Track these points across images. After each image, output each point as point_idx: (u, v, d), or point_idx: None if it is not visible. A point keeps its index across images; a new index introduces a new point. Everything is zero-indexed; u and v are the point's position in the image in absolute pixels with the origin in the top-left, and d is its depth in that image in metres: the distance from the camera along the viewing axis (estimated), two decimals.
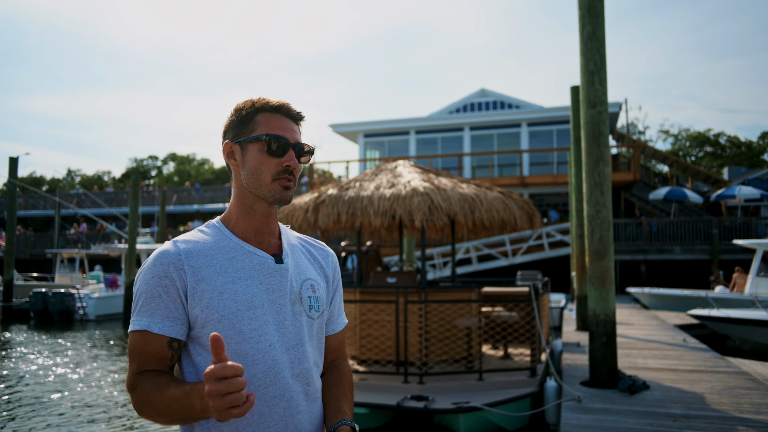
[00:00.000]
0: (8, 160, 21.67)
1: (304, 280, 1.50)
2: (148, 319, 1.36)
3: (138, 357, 1.38)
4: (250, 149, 1.45)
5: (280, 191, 1.44)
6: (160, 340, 1.36)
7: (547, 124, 25.40)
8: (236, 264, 1.41)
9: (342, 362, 1.66)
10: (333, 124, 27.62)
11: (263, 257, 1.44)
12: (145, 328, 1.36)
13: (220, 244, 1.44)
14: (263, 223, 1.48)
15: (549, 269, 19.83)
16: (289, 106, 1.49)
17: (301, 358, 1.44)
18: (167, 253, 1.39)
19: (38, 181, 58.44)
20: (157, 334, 1.35)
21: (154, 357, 1.37)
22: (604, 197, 6.40)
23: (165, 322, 1.36)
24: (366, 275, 9.46)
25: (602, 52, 6.49)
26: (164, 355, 1.37)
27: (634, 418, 5.03)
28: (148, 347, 1.37)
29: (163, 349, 1.37)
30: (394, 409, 5.84)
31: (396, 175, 7.90)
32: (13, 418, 7.59)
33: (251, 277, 1.41)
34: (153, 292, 1.36)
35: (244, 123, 1.46)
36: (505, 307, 8.52)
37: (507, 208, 7.73)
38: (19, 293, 21.98)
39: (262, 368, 1.38)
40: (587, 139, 6.51)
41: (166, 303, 1.36)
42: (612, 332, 6.31)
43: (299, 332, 1.45)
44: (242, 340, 1.37)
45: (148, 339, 1.36)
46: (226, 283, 1.38)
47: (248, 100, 1.49)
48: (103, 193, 36.58)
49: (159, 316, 1.36)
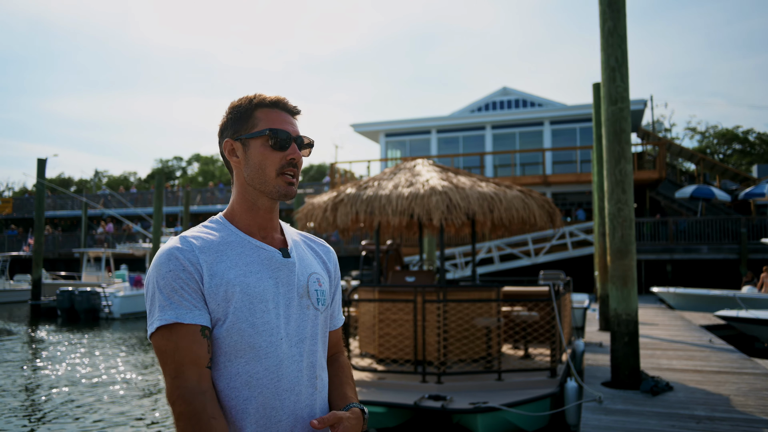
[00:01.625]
0: (36, 162, 22.10)
1: (310, 273, 1.51)
2: (175, 311, 1.31)
3: (172, 357, 1.30)
4: (253, 145, 1.45)
5: (284, 186, 1.45)
6: (192, 330, 1.31)
7: (570, 122, 25.12)
8: (245, 258, 1.41)
9: (340, 356, 1.67)
10: (354, 124, 27.66)
11: (271, 251, 1.45)
12: (175, 320, 1.30)
13: (228, 239, 1.43)
14: (266, 219, 1.49)
15: (573, 269, 19.59)
16: (286, 101, 1.50)
17: (309, 351, 1.45)
18: (180, 249, 1.37)
19: (66, 182, 59.53)
20: (188, 325, 1.31)
21: (190, 352, 1.31)
22: (626, 195, 6.30)
23: (194, 312, 1.32)
24: (386, 274, 9.45)
25: (623, 47, 6.38)
26: (200, 347, 1.32)
27: (656, 420, 4.93)
28: (182, 341, 1.30)
29: (198, 340, 1.32)
30: (411, 408, 5.81)
31: (414, 174, 7.86)
32: (43, 417, 7.73)
33: (261, 271, 1.41)
34: (173, 285, 1.33)
35: (244, 119, 1.46)
36: (524, 306, 8.43)
37: (527, 207, 7.64)
38: (47, 292, 22.45)
39: (274, 361, 1.38)
40: (608, 136, 6.41)
41: (189, 294, 1.33)
42: (634, 332, 6.20)
43: (306, 326, 1.46)
44: (255, 333, 1.37)
45: (179, 333, 1.30)
46: (238, 276, 1.38)
47: (244, 97, 1.49)
48: (128, 194, 37.13)
49: (185, 307, 1.32)
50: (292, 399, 1.39)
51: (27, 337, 15.22)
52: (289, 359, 1.40)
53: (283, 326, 1.40)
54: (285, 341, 1.40)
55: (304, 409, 1.42)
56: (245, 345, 1.36)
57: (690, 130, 46.05)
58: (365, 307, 7.94)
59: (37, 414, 7.78)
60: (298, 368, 1.41)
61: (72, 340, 14.58)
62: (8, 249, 33.05)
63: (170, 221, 34.39)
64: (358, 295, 8.13)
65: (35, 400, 8.50)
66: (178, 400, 1.28)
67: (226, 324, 1.36)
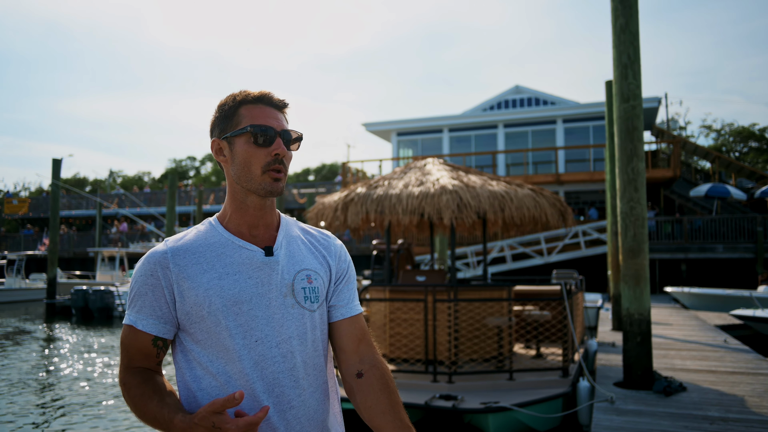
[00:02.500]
0: (51, 162, 22.33)
1: (298, 270, 1.47)
2: (135, 316, 1.41)
3: (126, 350, 1.43)
4: (237, 143, 1.44)
5: (270, 183, 1.43)
6: (145, 337, 1.41)
7: (583, 121, 24.95)
8: (224, 260, 1.41)
9: (376, 357, 1.54)
10: (366, 123, 27.65)
11: (253, 251, 1.43)
12: (132, 324, 1.41)
13: (211, 240, 1.43)
14: (257, 217, 1.47)
15: (586, 268, 19.45)
16: (271, 95, 1.48)
17: (293, 351, 1.41)
18: (155, 253, 1.42)
19: (82, 181, 60.10)
20: (141, 331, 1.40)
21: (140, 353, 1.42)
22: (638, 194, 6.23)
23: (149, 320, 1.40)
24: (396, 274, 9.43)
25: (636, 44, 6.31)
26: (150, 352, 1.42)
27: (668, 421, 4.88)
28: (135, 342, 1.42)
29: (148, 345, 1.42)
30: (422, 408, 5.80)
31: (425, 173, 7.84)
32: (62, 415, 7.80)
33: (239, 272, 1.40)
34: (141, 289, 1.40)
35: (228, 118, 1.45)
36: (536, 305, 8.38)
37: (538, 206, 7.59)
38: (62, 291, 22.68)
39: (248, 363, 1.36)
40: (620, 134, 6.35)
41: (151, 302, 1.40)
42: (647, 332, 6.14)
43: (291, 325, 1.42)
44: (229, 336, 1.36)
45: (135, 334, 1.41)
46: (212, 279, 1.38)
47: (230, 95, 1.48)
48: (142, 194, 37.41)
49: (145, 313, 1.41)
50: (270, 402, 1.37)
51: (42, 336, 15.38)
52: (268, 360, 1.38)
53: (261, 327, 1.38)
54: (263, 342, 1.38)
55: (288, 412, 1.38)
56: (220, 347, 1.37)
57: (705, 128, 45.58)
58: (376, 306, 7.93)
59: (53, 412, 7.85)
60: (278, 369, 1.38)
61: (86, 339, 14.71)
62: (24, 248, 33.45)
63: (183, 221, 34.61)
64: (369, 294, 8.13)
65: (51, 398, 8.58)
66: (123, 384, 1.41)
67: (199, 327, 1.38)
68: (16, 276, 26.22)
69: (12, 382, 9.49)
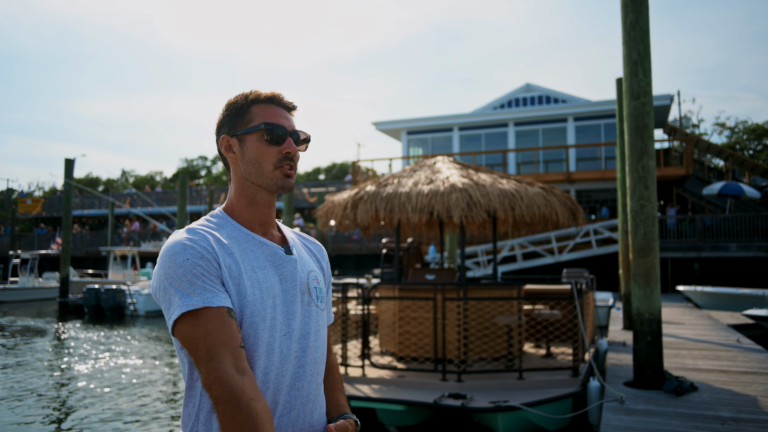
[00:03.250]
0: (64, 162, 22.51)
1: (309, 270, 1.51)
2: (200, 297, 1.26)
3: (204, 342, 1.24)
4: (249, 140, 1.46)
5: (282, 179, 1.45)
6: (221, 314, 1.27)
7: (595, 119, 24.80)
8: (251, 254, 1.41)
9: (330, 355, 1.65)
10: (376, 122, 27.65)
11: (274, 247, 1.45)
12: (202, 305, 1.25)
13: (232, 234, 1.43)
14: (266, 215, 1.49)
15: (597, 267, 19.34)
16: (282, 96, 1.51)
17: (311, 347, 1.45)
18: (193, 240, 1.33)
19: (94, 181, 60.55)
20: (216, 308, 1.26)
21: (222, 336, 1.25)
22: (649, 192, 6.18)
23: (220, 295, 1.29)
24: (406, 272, 9.43)
25: (646, 41, 6.26)
26: (231, 328, 1.27)
27: (679, 421, 4.83)
28: (211, 325, 1.25)
29: (227, 321, 1.27)
30: (431, 406, 5.78)
31: (434, 171, 7.82)
32: (70, 411, 7.87)
33: (267, 267, 1.41)
34: (194, 271, 1.28)
35: (240, 116, 1.47)
36: (546, 305, 8.34)
37: (548, 204, 7.55)
38: (75, 289, 22.88)
39: (279, 357, 1.37)
40: (630, 131, 6.30)
41: (211, 279, 1.29)
42: (657, 331, 6.09)
43: (308, 322, 1.46)
44: (266, 327, 1.36)
45: (207, 317, 1.25)
46: (248, 270, 1.37)
47: (240, 94, 1.50)
48: (153, 193, 37.65)
49: (210, 291, 1.28)
50: (293, 394, 1.39)
51: (55, 334, 15.51)
52: (292, 354, 1.40)
53: (287, 322, 1.40)
54: (289, 337, 1.40)
55: (306, 405, 1.41)
56: (257, 339, 1.34)
57: (719, 126, 45.14)
58: (385, 304, 7.93)
59: (67, 410, 7.92)
60: (300, 364, 1.41)
61: (98, 337, 14.82)
62: (38, 247, 33.76)
63: (194, 220, 34.75)
64: (378, 293, 8.13)
65: (65, 396, 8.65)
66: (214, 383, 1.22)
67: (240, 317, 1.34)
68: (30, 275, 26.49)
69: (26, 381, 9.59)
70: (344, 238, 26.66)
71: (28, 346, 13.33)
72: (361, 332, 7.14)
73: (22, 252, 28.08)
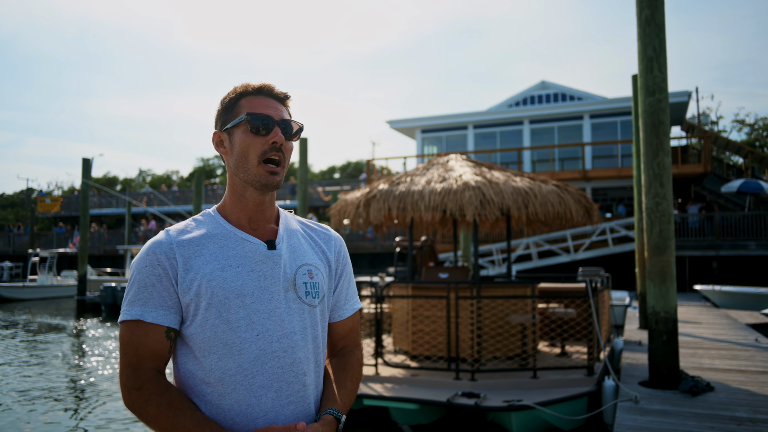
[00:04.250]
0: (82, 162, 22.75)
1: (300, 265, 1.46)
2: (140, 308, 1.34)
3: (134, 350, 1.34)
4: (236, 133, 1.43)
5: (266, 176, 1.41)
6: (156, 330, 1.34)
7: (611, 116, 24.56)
8: (227, 251, 1.39)
9: (352, 350, 1.60)
10: (390, 120, 27.62)
11: (255, 244, 1.42)
12: (138, 318, 1.33)
13: (213, 231, 1.42)
14: (257, 211, 1.46)
15: (614, 266, 19.16)
16: (271, 86, 1.47)
17: (294, 347, 1.40)
18: (159, 243, 1.38)
19: (112, 180, 61.18)
20: (151, 324, 1.33)
21: (151, 350, 1.34)
22: (664, 189, 6.11)
23: (159, 311, 1.34)
24: (420, 271, 9.41)
25: (661, 37, 6.18)
26: (162, 347, 1.35)
27: (694, 421, 4.77)
28: (144, 338, 1.33)
29: (160, 339, 1.34)
30: (444, 405, 5.77)
31: (447, 169, 7.79)
32: (89, 406, 7.96)
33: (242, 264, 1.38)
34: (146, 281, 1.35)
35: (229, 110, 1.45)
36: (560, 303, 8.28)
37: (563, 202, 7.50)
38: (92, 287, 23.14)
39: (248, 357, 1.35)
40: (646, 128, 6.23)
41: (159, 291, 1.34)
42: (673, 330, 6.02)
43: (292, 320, 1.41)
44: (229, 329, 1.34)
45: (143, 329, 1.33)
46: (215, 270, 1.36)
47: (232, 88, 1.48)
48: (169, 192, 37.93)
49: (152, 305, 1.34)
50: (270, 396, 1.35)
51: (72, 331, 15.69)
52: (269, 355, 1.36)
53: (263, 321, 1.37)
54: (264, 337, 1.36)
55: (286, 407, 1.37)
56: (218, 341, 1.34)
57: (738, 123, 44.52)
58: (399, 303, 7.92)
59: (86, 405, 8.01)
60: (280, 364, 1.37)
61: (114, 334, 14.97)
62: (56, 246, 34.17)
63: None
64: (391, 291, 8.12)
65: (82, 392, 8.75)
66: (147, 384, 1.31)
67: (199, 319, 1.35)
68: (48, 273, 26.81)
69: (44, 377, 9.72)
70: (359, 237, 26.68)
71: (47, 342, 13.50)
72: (374, 331, 7.14)
73: (41, 250, 28.45)
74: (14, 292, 24.81)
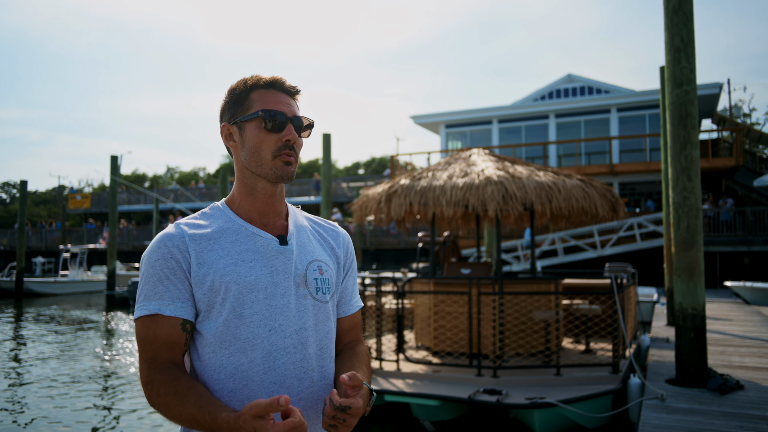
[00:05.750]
0: (110, 159, 23.12)
1: (310, 261, 1.44)
2: (157, 303, 1.33)
3: (150, 344, 1.33)
4: (248, 128, 1.41)
5: (281, 167, 1.39)
6: (173, 323, 1.33)
7: (639, 109, 24.12)
8: (239, 246, 1.37)
9: (357, 344, 1.59)
10: (414, 116, 27.52)
11: (267, 239, 1.40)
12: (156, 312, 1.32)
13: (224, 226, 1.40)
14: (267, 204, 1.44)
15: (642, 262, 18.83)
16: (283, 80, 1.44)
17: (305, 342, 1.38)
18: (171, 236, 1.36)
19: (140, 177, 62.14)
20: (168, 317, 1.32)
21: (166, 343, 1.33)
22: (692, 183, 5.96)
23: (176, 304, 1.33)
24: (442, 266, 9.35)
25: (689, 26, 6.02)
26: (178, 339, 1.34)
27: (723, 420, 4.65)
28: (161, 332, 1.32)
29: (176, 332, 1.33)
30: (466, 402, 5.72)
31: (469, 164, 7.71)
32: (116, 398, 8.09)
33: (255, 260, 1.37)
34: (160, 274, 1.33)
35: (239, 102, 1.43)
36: (585, 299, 8.15)
37: (587, 197, 7.37)
38: (121, 282, 23.57)
39: (260, 353, 1.33)
40: (673, 120, 6.08)
41: (174, 284, 1.33)
42: (701, 327, 5.88)
43: (303, 316, 1.39)
44: (242, 324, 1.33)
45: (159, 323, 1.32)
46: (228, 265, 1.34)
47: (241, 80, 1.45)
48: (196, 189, 38.38)
49: (169, 298, 1.33)
50: (282, 392, 1.34)
51: (102, 325, 15.99)
52: (281, 351, 1.35)
53: (275, 317, 1.35)
54: (276, 332, 1.35)
55: (297, 403, 1.36)
56: (230, 336, 1.33)
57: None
58: (420, 299, 7.88)
59: (114, 400, 8.14)
60: (291, 360, 1.36)
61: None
62: (87, 242, 34.83)
63: None
64: (413, 286, 8.08)
65: (112, 383, 8.90)
66: (148, 384, 1.31)
67: (212, 314, 1.34)
68: (79, 268, 27.38)
69: (76, 369, 9.90)
70: (383, 233, 26.66)
71: (77, 336, 13.77)
72: (396, 326, 7.11)
73: (72, 246, 29.06)
74: (46, 287, 25.38)
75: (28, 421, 7.03)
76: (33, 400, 7.98)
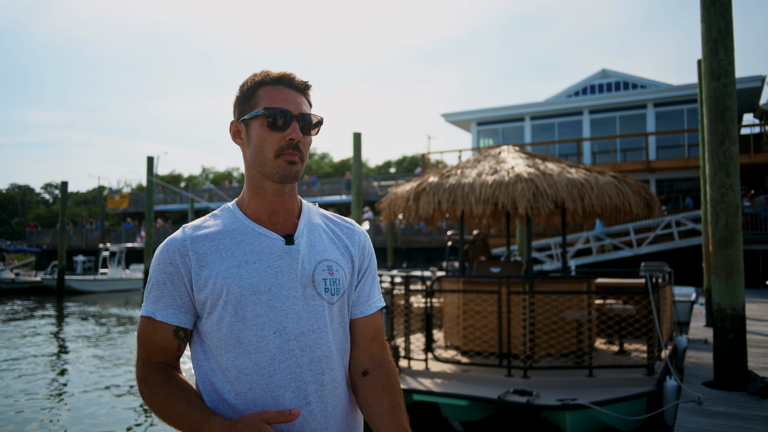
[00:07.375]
0: (146, 160, 23.58)
1: (319, 261, 1.40)
2: (153, 306, 1.35)
3: (145, 344, 1.37)
4: (253, 126, 1.38)
5: (284, 167, 1.35)
6: (165, 329, 1.35)
7: (676, 104, 23.52)
8: (244, 247, 1.35)
9: (385, 357, 1.51)
10: (445, 114, 27.36)
11: (273, 239, 1.37)
12: (150, 315, 1.35)
13: (231, 227, 1.38)
14: (276, 203, 1.41)
15: (680, 260, 18.35)
16: (292, 76, 1.39)
17: (312, 345, 1.34)
18: (174, 240, 1.37)
19: (177, 178, 63.27)
20: (160, 322, 1.34)
21: (159, 346, 1.36)
22: (731, 179, 5.75)
23: (169, 310, 1.34)
24: (472, 265, 9.25)
25: (727, 17, 5.81)
26: (170, 345, 1.35)
27: (763, 425, 4.47)
28: (154, 335, 1.35)
29: (168, 338, 1.35)
30: (495, 402, 5.64)
31: (499, 161, 7.61)
32: None
33: (259, 261, 1.34)
34: (159, 278, 1.35)
35: (247, 99, 1.40)
36: (619, 299, 7.96)
37: (621, 194, 7.19)
38: None
39: (265, 356, 1.31)
40: (710, 115, 5.88)
41: (170, 290, 1.34)
42: (740, 328, 5.67)
43: (311, 317, 1.35)
44: (245, 327, 1.31)
45: (153, 326, 1.35)
46: (230, 267, 1.32)
47: (251, 75, 1.41)
48: (230, 188, 38.88)
49: (163, 303, 1.34)
50: (287, 396, 1.31)
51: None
52: (285, 354, 1.31)
53: (280, 319, 1.32)
54: (280, 335, 1.31)
55: (305, 407, 1.32)
56: (233, 339, 1.31)
57: None
58: (450, 298, 7.81)
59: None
60: (296, 363, 1.32)
61: None
62: (125, 240, 35.63)
63: None
64: (441, 285, 8.01)
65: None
66: (142, 381, 1.35)
67: (214, 317, 1.32)
68: (118, 266, 28.04)
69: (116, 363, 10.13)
70: (414, 231, 26.58)
71: (115, 332, 14.08)
72: (425, 325, 7.06)
73: (111, 245, 29.76)
74: (86, 284, 26.06)
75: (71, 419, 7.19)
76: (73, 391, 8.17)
